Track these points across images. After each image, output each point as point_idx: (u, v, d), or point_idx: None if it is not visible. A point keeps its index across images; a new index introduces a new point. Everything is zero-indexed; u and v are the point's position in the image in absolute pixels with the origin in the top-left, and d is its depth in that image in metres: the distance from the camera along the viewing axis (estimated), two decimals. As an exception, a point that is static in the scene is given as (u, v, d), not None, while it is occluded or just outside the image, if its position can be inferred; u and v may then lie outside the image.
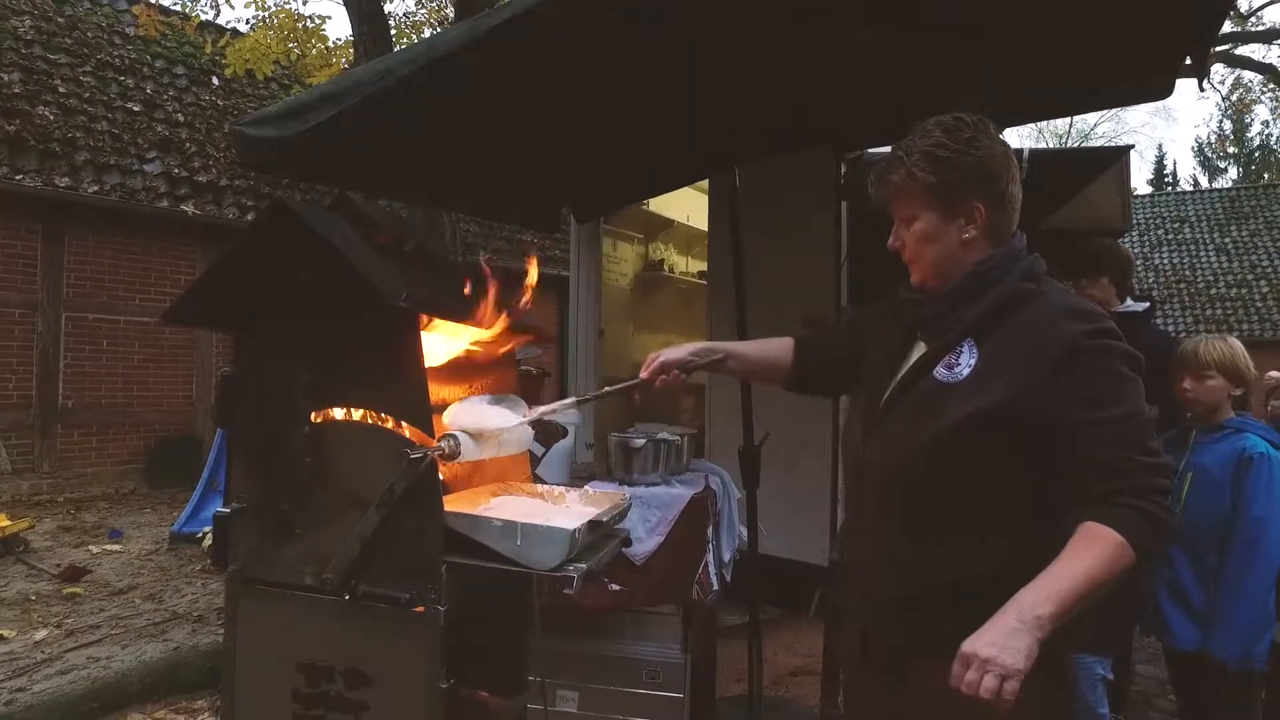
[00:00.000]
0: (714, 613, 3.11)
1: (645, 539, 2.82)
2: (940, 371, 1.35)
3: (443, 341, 2.04)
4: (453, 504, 1.87)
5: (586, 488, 2.23)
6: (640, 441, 2.95)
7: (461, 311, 1.88)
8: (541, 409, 1.91)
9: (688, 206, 6.15)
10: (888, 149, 4.26)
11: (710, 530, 2.91)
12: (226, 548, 1.79)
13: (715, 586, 2.86)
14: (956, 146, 1.33)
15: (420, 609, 1.71)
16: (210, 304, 1.81)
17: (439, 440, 1.77)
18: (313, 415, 1.80)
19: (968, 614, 1.26)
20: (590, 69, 2.90)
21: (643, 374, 1.77)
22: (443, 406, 2.09)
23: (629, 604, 2.90)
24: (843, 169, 4.40)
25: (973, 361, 1.32)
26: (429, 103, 2.77)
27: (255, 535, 1.82)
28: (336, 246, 1.68)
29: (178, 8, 10.87)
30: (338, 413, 1.82)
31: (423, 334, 1.87)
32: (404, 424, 1.79)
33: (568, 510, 2.10)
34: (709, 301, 4.76)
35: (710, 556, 2.86)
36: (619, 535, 2.07)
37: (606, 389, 1.96)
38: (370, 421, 1.81)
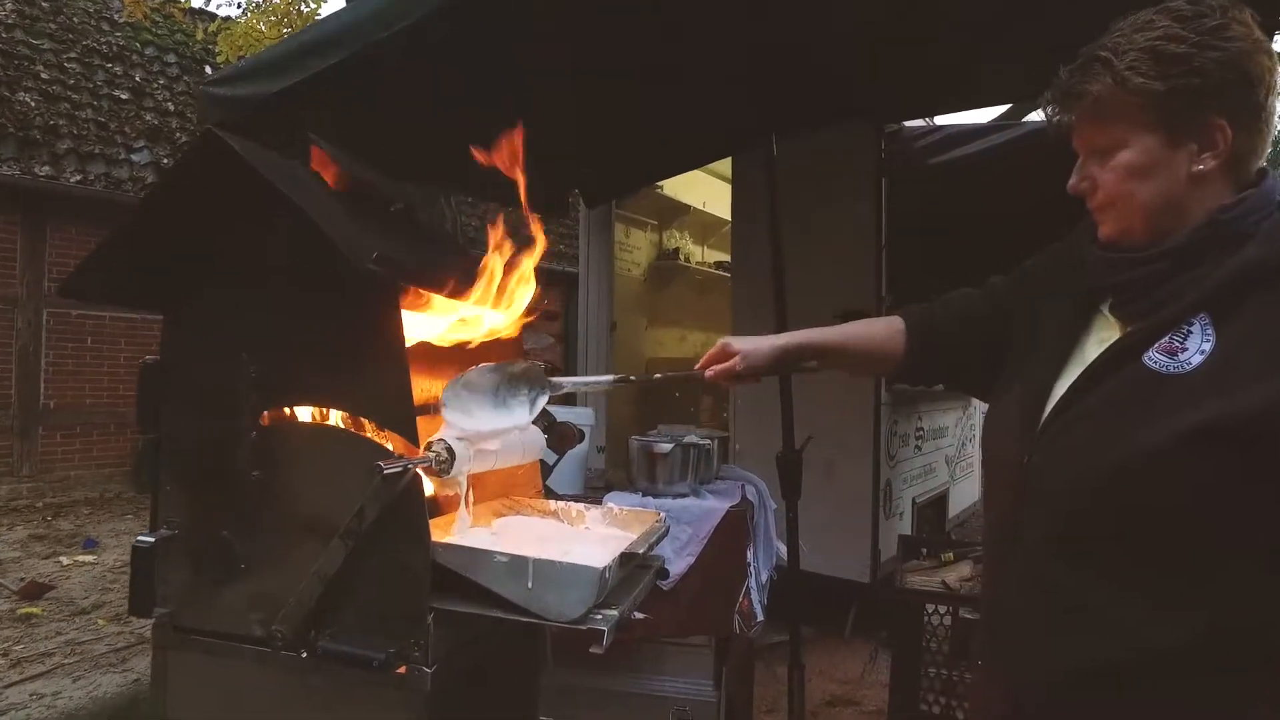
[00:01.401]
0: (752, 645, 2.69)
1: (673, 560, 2.41)
2: (1155, 358, 0.96)
3: (430, 324, 1.63)
4: (445, 529, 1.46)
5: (609, 503, 1.82)
6: (666, 446, 2.54)
7: (453, 283, 1.47)
8: (572, 380, 1.50)
9: (704, 192, 5.75)
10: (926, 122, 3.83)
11: (750, 550, 2.50)
12: (151, 588, 1.38)
13: (759, 616, 2.45)
14: (1197, 39, 0.93)
15: (401, 669, 1.30)
16: (125, 274, 1.40)
17: (426, 448, 1.36)
18: (262, 416, 1.39)
19: (1169, 696, 0.92)
20: (599, 32, 2.50)
21: (710, 371, 1.36)
22: (430, 406, 1.69)
23: (654, 634, 2.49)
24: (882, 143, 4.00)
25: (1208, 348, 0.93)
26: (420, 67, 2.38)
27: (188, 571, 1.41)
28: (286, 193, 1.27)
29: (167, -7, 10.47)
30: (295, 413, 1.41)
31: (406, 313, 1.47)
32: (380, 428, 1.38)
33: (589, 535, 1.69)
34: (735, 291, 4.34)
35: (752, 580, 2.45)
36: (652, 565, 1.66)
37: (659, 375, 1.56)
38: (337, 425, 1.40)
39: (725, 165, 5.67)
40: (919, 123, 4.36)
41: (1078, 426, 1.00)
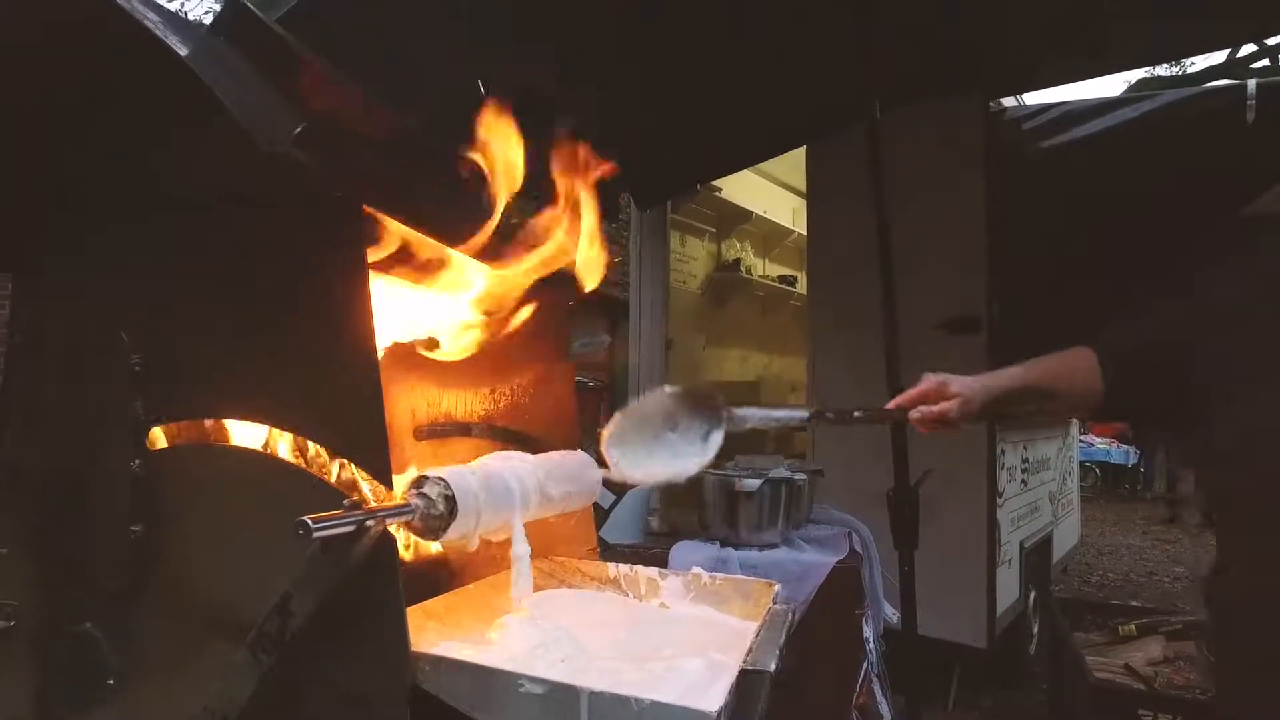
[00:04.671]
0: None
1: (763, 633, 1.82)
2: None
3: (429, 301, 1.09)
4: (445, 619, 0.91)
5: (695, 569, 1.25)
6: (753, 484, 1.95)
7: (456, 221, 0.93)
8: (759, 413, 1.11)
9: (764, 199, 5.18)
10: (1017, 100, 3.25)
11: (868, 622, 1.90)
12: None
13: (887, 717, 1.83)
14: None
15: None
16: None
17: (413, 489, 0.82)
18: (150, 436, 0.85)
19: None
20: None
21: (918, 412, 1.05)
22: (447, 426, 1.15)
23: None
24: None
25: None
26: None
27: (25, 687, 0.87)
28: (188, 67, 0.75)
29: None
30: (205, 430, 0.88)
31: (386, 280, 0.94)
32: (337, 457, 0.84)
33: (673, 623, 1.12)
34: (811, 305, 3.73)
35: (872, 663, 1.84)
36: (765, 673, 1.07)
37: (858, 413, 1.07)
38: (268, 451, 0.86)
39: (786, 172, 5.13)
40: (1012, 102, 3.80)
41: None
